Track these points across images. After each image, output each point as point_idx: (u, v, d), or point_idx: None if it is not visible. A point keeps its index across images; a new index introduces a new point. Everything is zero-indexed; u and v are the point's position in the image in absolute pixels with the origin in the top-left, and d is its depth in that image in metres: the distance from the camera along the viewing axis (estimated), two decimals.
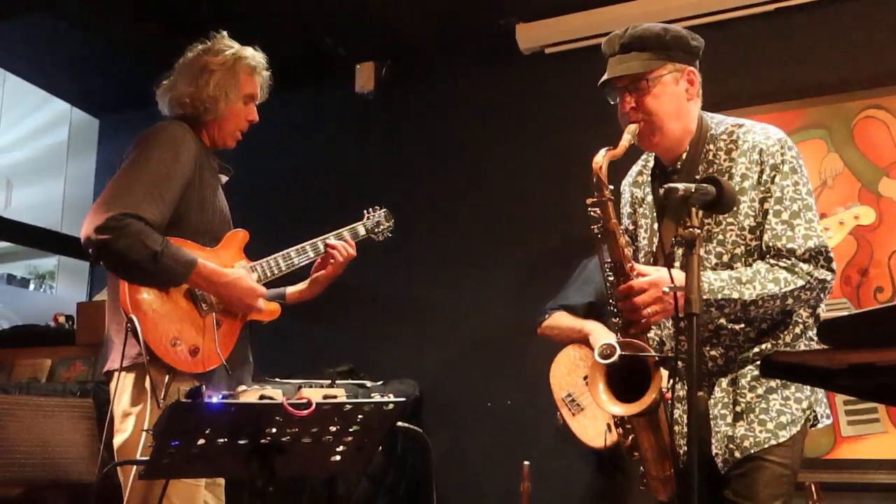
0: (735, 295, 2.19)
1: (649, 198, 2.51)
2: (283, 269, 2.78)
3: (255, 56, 2.84)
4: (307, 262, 2.85)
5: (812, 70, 4.21)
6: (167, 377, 2.45)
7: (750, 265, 2.27)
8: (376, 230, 3.07)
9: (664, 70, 2.34)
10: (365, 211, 3.08)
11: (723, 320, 2.28)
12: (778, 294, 2.19)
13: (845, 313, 1.78)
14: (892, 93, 4.06)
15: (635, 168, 2.62)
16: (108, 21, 4.99)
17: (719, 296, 2.18)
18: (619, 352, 2.15)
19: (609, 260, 2.30)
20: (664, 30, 2.38)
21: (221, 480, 2.69)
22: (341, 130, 5.32)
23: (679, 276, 2.06)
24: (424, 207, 5.01)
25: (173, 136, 2.60)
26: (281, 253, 2.78)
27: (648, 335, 2.31)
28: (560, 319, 3.64)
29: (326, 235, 2.89)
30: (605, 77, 2.39)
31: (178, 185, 2.54)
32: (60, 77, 5.89)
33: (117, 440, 2.50)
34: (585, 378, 3.54)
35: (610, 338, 3.51)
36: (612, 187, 2.28)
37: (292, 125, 5.42)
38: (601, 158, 2.25)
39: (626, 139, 2.31)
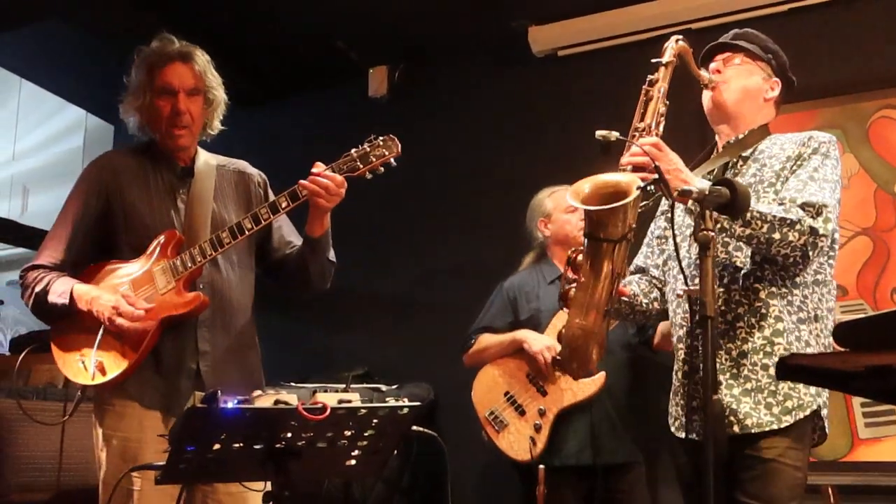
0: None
1: None
2: (210, 252, 2.59)
3: (154, 46, 2.78)
4: (259, 228, 2.65)
5: (826, 71, 4.18)
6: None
7: None
8: (363, 163, 2.69)
9: (759, 63, 2.59)
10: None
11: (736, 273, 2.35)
12: (767, 217, 2.21)
13: (862, 315, 1.77)
14: None
15: None
16: (123, 28, 5.02)
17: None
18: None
19: (640, 120, 2.43)
20: (770, 41, 2.65)
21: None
22: (354, 134, 5.31)
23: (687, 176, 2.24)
24: (439, 211, 5.01)
25: (81, 177, 2.79)
26: (213, 236, 2.61)
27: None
28: (486, 339, 3.77)
29: (276, 198, 2.69)
30: (714, 43, 2.62)
31: (82, 221, 2.69)
32: (75, 84, 5.93)
33: None
34: (506, 394, 3.62)
35: (543, 340, 3.55)
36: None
37: (305, 129, 5.43)
38: (673, 40, 2.49)
39: (705, 77, 2.54)
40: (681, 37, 2.50)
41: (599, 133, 2.24)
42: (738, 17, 4.32)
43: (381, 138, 2.68)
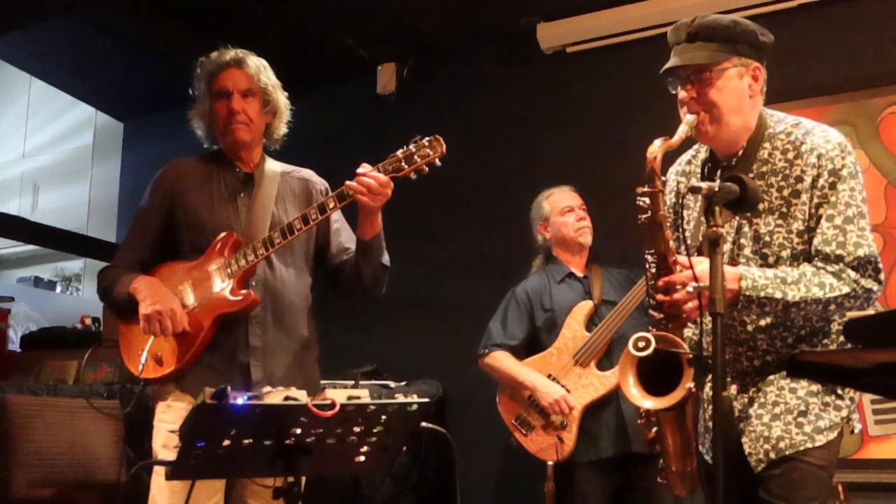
0: (778, 295, 2.13)
1: None
2: (262, 252, 2.67)
3: (212, 56, 2.87)
4: (308, 227, 2.69)
5: (836, 67, 4.17)
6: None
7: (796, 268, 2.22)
8: (407, 163, 2.71)
9: (729, 63, 2.28)
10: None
11: (762, 322, 2.25)
12: (822, 299, 2.14)
13: (872, 312, 1.77)
14: None
15: (685, 157, 2.56)
16: (132, 26, 5.04)
17: (762, 293, 2.13)
18: (653, 345, 2.13)
19: (652, 251, 2.25)
20: (734, 22, 2.32)
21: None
22: (363, 131, 5.33)
23: (727, 270, 2.05)
24: (446, 207, 5.01)
25: (150, 184, 2.91)
26: (266, 236, 2.68)
27: (685, 334, 2.29)
28: (501, 360, 3.76)
29: (324, 199, 2.72)
30: (668, 65, 2.33)
31: (148, 224, 2.84)
32: (85, 81, 5.95)
33: None
34: (530, 397, 3.64)
35: (551, 388, 3.57)
36: (663, 178, 2.24)
37: (314, 126, 5.43)
38: (656, 148, 2.21)
39: (684, 130, 2.27)
40: (657, 145, 2.22)
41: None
42: (747, 12, 4.29)
43: (426, 138, 2.70)
